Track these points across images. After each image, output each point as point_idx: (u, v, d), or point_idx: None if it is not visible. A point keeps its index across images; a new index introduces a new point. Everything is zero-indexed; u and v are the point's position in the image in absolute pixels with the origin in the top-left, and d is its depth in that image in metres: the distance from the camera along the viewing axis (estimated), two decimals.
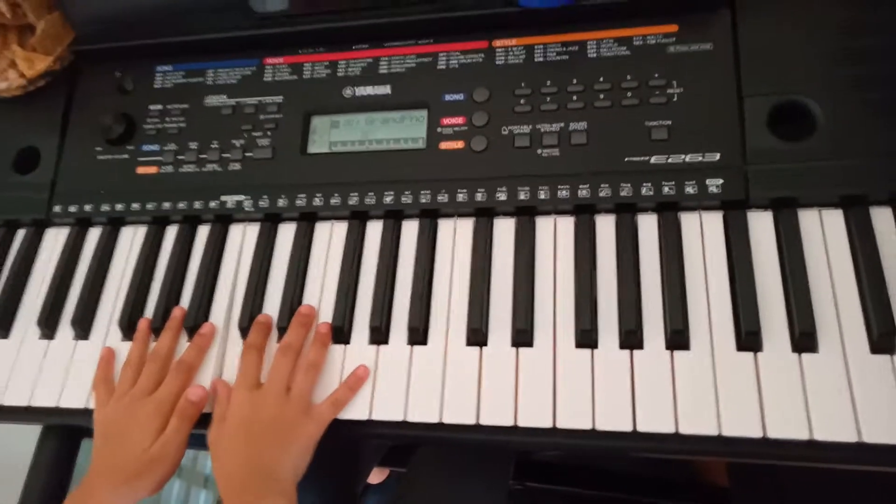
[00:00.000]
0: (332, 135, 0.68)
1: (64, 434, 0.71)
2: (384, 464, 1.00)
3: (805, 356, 0.53)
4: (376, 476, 1.17)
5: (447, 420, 0.56)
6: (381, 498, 1.16)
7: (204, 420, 0.60)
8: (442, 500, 0.71)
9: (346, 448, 0.58)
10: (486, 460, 0.76)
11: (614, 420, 0.54)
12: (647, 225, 0.60)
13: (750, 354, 0.54)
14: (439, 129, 0.65)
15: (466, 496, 0.71)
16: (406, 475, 0.78)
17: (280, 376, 0.58)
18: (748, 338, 0.54)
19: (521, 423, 0.55)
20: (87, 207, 0.71)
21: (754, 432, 0.51)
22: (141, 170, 0.71)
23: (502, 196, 0.62)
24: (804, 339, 0.53)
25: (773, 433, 0.51)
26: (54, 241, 0.73)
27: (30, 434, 0.72)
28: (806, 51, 0.60)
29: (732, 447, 0.52)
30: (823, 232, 0.57)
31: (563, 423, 0.54)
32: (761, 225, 0.58)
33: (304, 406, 0.57)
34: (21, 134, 0.76)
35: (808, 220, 0.57)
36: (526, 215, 0.62)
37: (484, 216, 0.63)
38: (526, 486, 0.99)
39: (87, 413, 0.64)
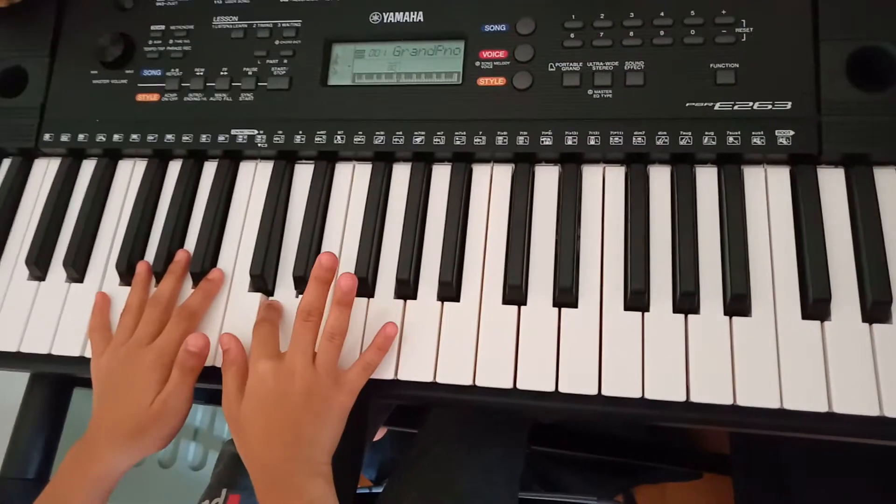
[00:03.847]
0: (356, 65, 0.61)
1: (54, 382, 0.66)
2: (387, 423, 0.97)
3: (876, 326, 0.49)
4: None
5: (481, 383, 0.52)
6: (374, 456, 1.13)
7: (212, 373, 0.55)
8: (458, 465, 0.67)
9: (358, 407, 0.53)
10: (503, 424, 0.72)
11: (666, 389, 0.49)
12: (707, 178, 0.55)
13: (816, 323, 0.50)
14: (478, 63, 0.59)
15: (483, 461, 0.68)
16: (420, 439, 0.74)
17: (305, 344, 0.52)
18: (816, 305, 0.49)
19: (563, 390, 0.51)
20: (81, 137, 0.64)
21: (819, 407, 0.48)
22: (141, 97, 0.64)
23: (547, 140, 0.56)
24: (877, 307, 0.49)
25: (840, 408, 0.47)
26: (44, 172, 0.66)
27: (20, 378, 0.67)
28: None
29: (792, 421, 0.49)
30: None
31: (608, 391, 0.50)
32: (832, 183, 0.53)
33: (334, 375, 0.52)
34: (6, 52, 0.68)
35: (885, 178, 0.52)
36: (572, 163, 0.56)
37: (524, 162, 0.57)
38: (532, 450, 0.96)
39: (81, 361, 0.58)
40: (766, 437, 0.73)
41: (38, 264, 0.62)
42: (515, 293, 0.53)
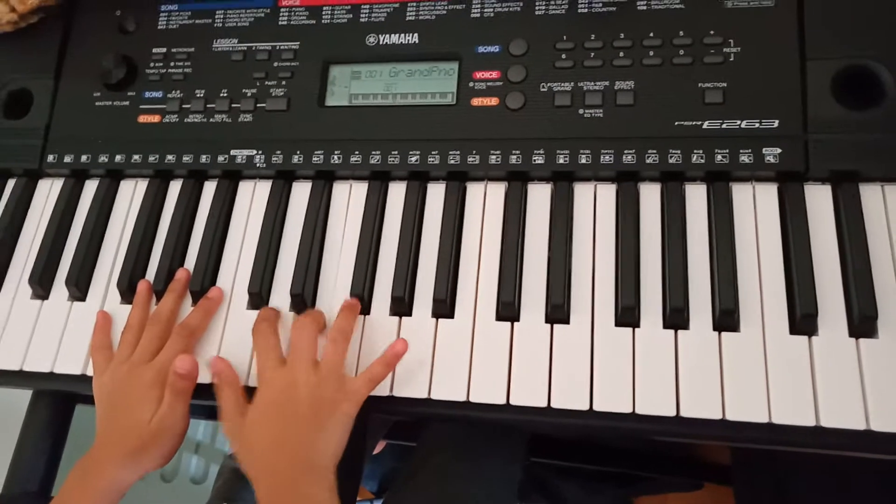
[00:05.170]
0: (352, 86, 0.63)
1: (57, 399, 0.67)
2: (386, 436, 0.97)
3: (863, 341, 0.49)
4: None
5: (475, 399, 0.53)
6: (376, 468, 1.13)
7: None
8: (457, 476, 0.67)
9: (357, 420, 0.54)
10: (502, 436, 0.73)
11: (656, 404, 0.50)
12: (696, 196, 0.55)
13: (804, 338, 0.50)
14: (471, 84, 0.60)
15: (482, 472, 0.68)
16: (418, 451, 0.74)
17: (306, 348, 0.53)
18: (804, 320, 0.50)
19: (555, 405, 0.52)
20: (84, 157, 0.66)
21: (806, 421, 0.48)
22: (143, 118, 0.66)
23: (539, 159, 0.57)
24: (864, 322, 0.49)
25: (827, 422, 0.48)
26: (48, 193, 0.67)
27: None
28: (877, 11, 0.55)
29: (780, 435, 0.49)
30: (886, 209, 0.53)
31: (600, 406, 0.51)
32: (819, 199, 0.54)
33: (338, 381, 0.52)
34: (12, 75, 0.69)
35: (871, 195, 0.53)
36: (564, 181, 0.57)
37: (517, 181, 0.58)
38: (531, 461, 0.97)
39: (83, 379, 0.59)
40: (767, 451, 0.73)
41: (41, 283, 0.63)
42: (508, 310, 0.54)
